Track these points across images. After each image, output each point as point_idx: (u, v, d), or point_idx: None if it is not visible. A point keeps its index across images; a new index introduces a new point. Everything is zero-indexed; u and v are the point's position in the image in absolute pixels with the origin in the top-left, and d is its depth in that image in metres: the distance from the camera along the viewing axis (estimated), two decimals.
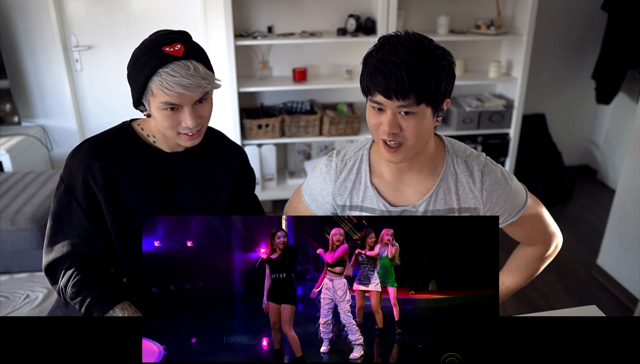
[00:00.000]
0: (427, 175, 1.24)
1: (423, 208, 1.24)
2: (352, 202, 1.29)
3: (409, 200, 1.26)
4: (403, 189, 1.26)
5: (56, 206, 1.31)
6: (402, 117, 1.08)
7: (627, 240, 2.54)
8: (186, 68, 1.14)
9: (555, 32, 3.65)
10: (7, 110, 3.15)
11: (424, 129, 1.10)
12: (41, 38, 3.17)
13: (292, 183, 3.45)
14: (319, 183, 1.33)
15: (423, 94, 1.04)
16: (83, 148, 1.31)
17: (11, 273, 2.09)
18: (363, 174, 1.27)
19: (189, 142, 1.25)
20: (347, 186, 1.29)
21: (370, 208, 1.27)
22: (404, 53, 1.03)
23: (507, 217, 1.27)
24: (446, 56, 1.08)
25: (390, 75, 1.03)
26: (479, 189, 1.22)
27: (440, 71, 1.05)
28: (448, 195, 1.24)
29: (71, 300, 1.29)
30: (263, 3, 3.18)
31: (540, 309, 2.51)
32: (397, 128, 1.09)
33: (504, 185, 1.24)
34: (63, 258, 1.31)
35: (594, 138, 4.04)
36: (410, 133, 1.09)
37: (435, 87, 1.05)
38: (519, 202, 1.27)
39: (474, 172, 1.22)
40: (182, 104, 1.17)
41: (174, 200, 1.36)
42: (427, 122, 1.10)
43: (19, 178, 2.54)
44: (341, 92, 3.49)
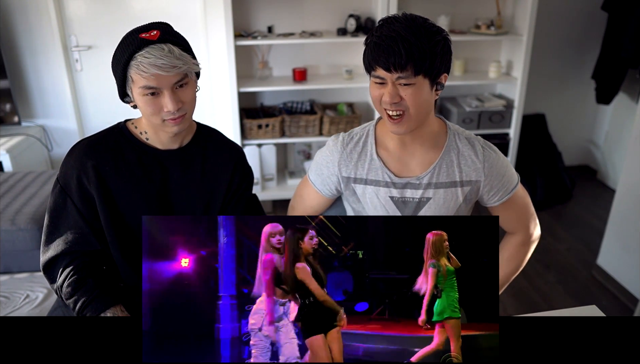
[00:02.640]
0: (430, 148, 1.31)
1: (427, 180, 1.31)
2: (357, 175, 1.35)
3: (413, 172, 1.32)
4: (407, 161, 1.32)
5: (52, 205, 1.32)
6: (402, 87, 1.16)
7: (627, 240, 2.54)
8: (161, 50, 1.16)
9: (555, 32, 3.65)
10: (7, 110, 3.15)
11: (423, 99, 1.18)
12: (41, 38, 3.17)
13: (292, 183, 3.45)
14: (325, 155, 1.39)
15: (419, 66, 1.13)
16: (78, 148, 1.32)
17: (11, 273, 2.09)
18: (369, 147, 1.34)
19: (175, 127, 1.26)
20: (353, 157, 1.35)
21: (374, 181, 1.33)
22: (400, 29, 1.12)
23: (503, 194, 1.35)
24: (441, 32, 1.16)
25: (389, 50, 1.12)
26: (482, 161, 1.30)
27: (434, 45, 1.13)
28: (450, 168, 1.31)
29: (66, 300, 1.29)
30: (263, 3, 3.18)
31: (540, 309, 2.51)
32: (398, 98, 1.17)
33: (503, 161, 1.34)
34: (60, 257, 1.31)
35: (594, 138, 4.03)
36: (410, 102, 1.17)
37: (431, 60, 1.13)
38: (513, 180, 1.36)
39: (476, 146, 1.32)
40: (161, 87, 1.19)
41: (170, 198, 1.35)
42: (426, 93, 1.18)
43: (19, 178, 2.54)
44: (341, 92, 3.49)
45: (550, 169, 3.64)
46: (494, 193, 1.35)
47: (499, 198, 1.35)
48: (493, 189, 1.34)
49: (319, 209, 1.49)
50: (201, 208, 1.39)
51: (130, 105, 1.28)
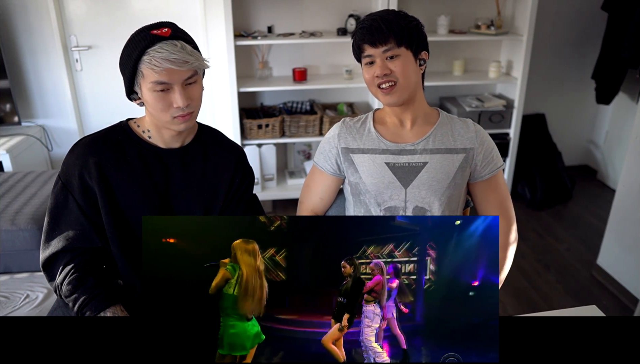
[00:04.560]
0: (423, 124, 1.45)
1: (422, 146, 1.42)
2: (355, 145, 1.46)
3: (408, 140, 1.44)
4: (402, 134, 1.45)
5: (53, 203, 1.32)
6: (389, 61, 1.33)
7: (627, 240, 2.54)
8: (173, 45, 1.18)
9: (555, 32, 3.65)
10: (7, 110, 3.15)
11: (410, 69, 1.35)
12: (41, 38, 3.17)
13: (292, 183, 3.45)
14: (328, 135, 1.51)
15: (399, 37, 1.31)
16: (80, 145, 1.33)
17: (11, 273, 2.08)
18: (368, 123, 1.49)
19: (182, 124, 1.26)
20: (352, 131, 1.48)
21: (371, 149, 1.44)
22: (379, 14, 1.35)
23: (492, 168, 1.45)
24: (416, 20, 1.36)
25: (371, 29, 1.32)
26: (473, 132, 1.44)
27: (409, 22, 1.34)
28: (445, 136, 1.44)
29: (65, 298, 1.29)
30: (263, 3, 3.19)
31: (540, 309, 2.51)
32: (387, 70, 1.33)
33: (490, 139, 1.48)
34: (60, 254, 1.31)
35: (594, 138, 4.04)
36: (399, 72, 1.33)
37: (408, 32, 1.32)
38: (500, 159, 1.48)
39: (468, 122, 1.47)
40: (172, 83, 1.20)
41: (170, 197, 1.36)
42: (412, 65, 1.35)
43: (19, 178, 2.53)
44: (341, 92, 3.49)
45: (550, 169, 3.64)
46: (485, 164, 1.44)
47: (489, 171, 1.45)
48: (485, 159, 1.44)
49: (325, 196, 1.55)
50: (202, 208, 1.39)
51: (136, 103, 1.29)
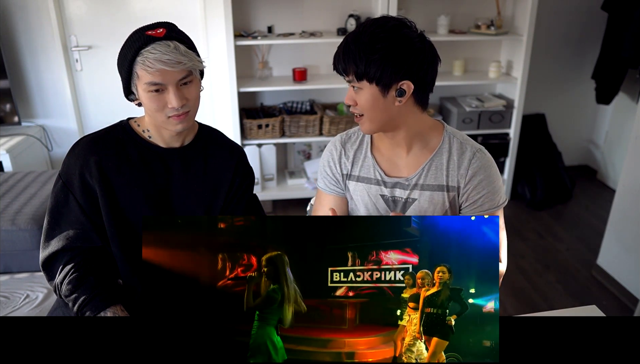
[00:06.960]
0: (420, 150, 1.31)
1: (414, 181, 1.31)
2: (352, 171, 1.37)
3: (402, 173, 1.33)
4: (397, 162, 1.34)
5: (53, 202, 1.32)
6: (354, 92, 1.22)
7: (627, 240, 2.54)
8: (166, 46, 1.18)
9: (555, 32, 3.65)
10: (7, 110, 3.15)
11: (374, 104, 1.20)
12: (41, 38, 3.17)
13: (292, 183, 3.45)
14: (327, 157, 1.41)
15: (357, 71, 1.17)
16: (80, 144, 1.33)
17: (11, 273, 2.09)
18: (365, 145, 1.37)
19: (179, 124, 1.26)
20: (349, 154, 1.38)
21: (366, 178, 1.35)
22: (351, 36, 1.19)
23: (478, 209, 1.29)
24: (388, 40, 1.14)
25: (338, 57, 1.21)
26: (466, 167, 1.28)
27: (372, 53, 1.14)
28: (439, 171, 1.30)
29: (65, 297, 1.29)
30: (263, 3, 3.19)
31: (540, 309, 2.51)
32: (352, 101, 1.23)
33: (489, 174, 1.29)
34: (60, 253, 1.31)
35: (594, 138, 4.03)
36: (362, 107, 1.22)
37: (367, 66, 1.15)
38: (496, 200, 1.31)
39: (466, 152, 1.29)
40: (166, 83, 1.20)
41: (170, 196, 1.36)
42: (377, 98, 1.19)
43: (19, 178, 2.53)
44: (341, 92, 3.49)
45: (550, 169, 3.64)
46: (470, 205, 1.29)
47: (473, 210, 1.30)
48: (471, 199, 1.29)
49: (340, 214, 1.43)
50: (202, 208, 1.39)
51: (134, 103, 1.29)
